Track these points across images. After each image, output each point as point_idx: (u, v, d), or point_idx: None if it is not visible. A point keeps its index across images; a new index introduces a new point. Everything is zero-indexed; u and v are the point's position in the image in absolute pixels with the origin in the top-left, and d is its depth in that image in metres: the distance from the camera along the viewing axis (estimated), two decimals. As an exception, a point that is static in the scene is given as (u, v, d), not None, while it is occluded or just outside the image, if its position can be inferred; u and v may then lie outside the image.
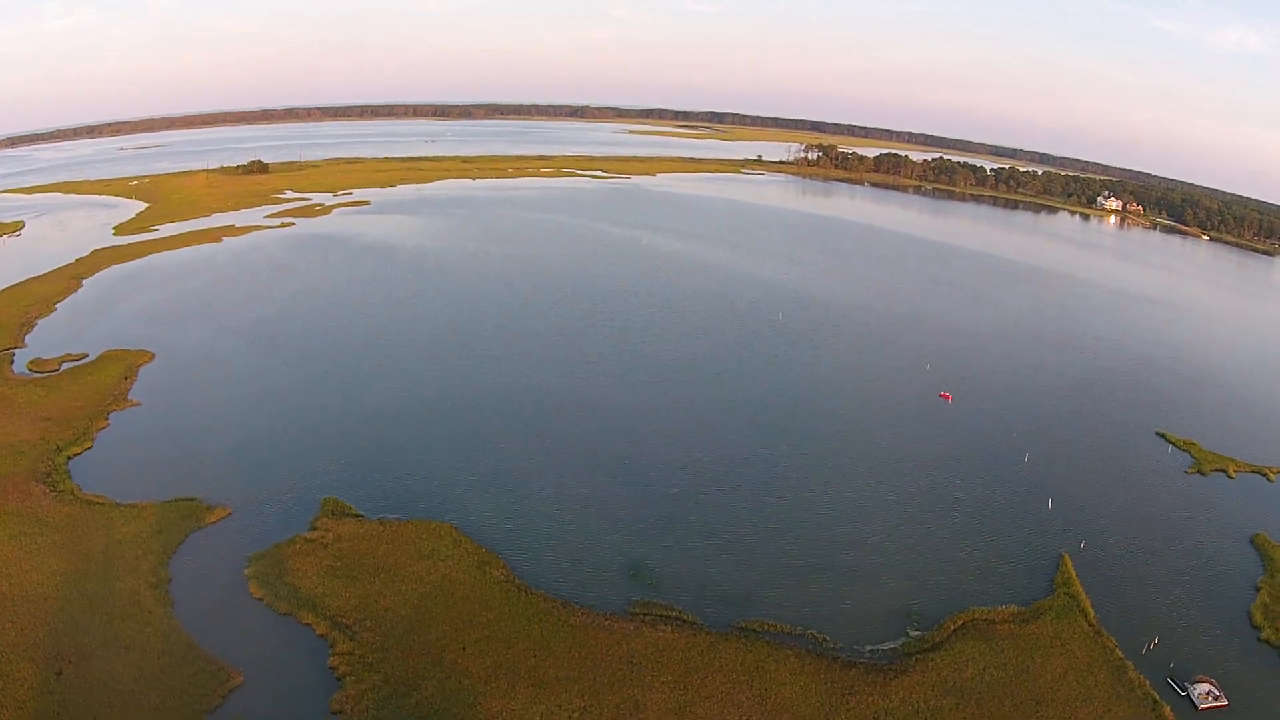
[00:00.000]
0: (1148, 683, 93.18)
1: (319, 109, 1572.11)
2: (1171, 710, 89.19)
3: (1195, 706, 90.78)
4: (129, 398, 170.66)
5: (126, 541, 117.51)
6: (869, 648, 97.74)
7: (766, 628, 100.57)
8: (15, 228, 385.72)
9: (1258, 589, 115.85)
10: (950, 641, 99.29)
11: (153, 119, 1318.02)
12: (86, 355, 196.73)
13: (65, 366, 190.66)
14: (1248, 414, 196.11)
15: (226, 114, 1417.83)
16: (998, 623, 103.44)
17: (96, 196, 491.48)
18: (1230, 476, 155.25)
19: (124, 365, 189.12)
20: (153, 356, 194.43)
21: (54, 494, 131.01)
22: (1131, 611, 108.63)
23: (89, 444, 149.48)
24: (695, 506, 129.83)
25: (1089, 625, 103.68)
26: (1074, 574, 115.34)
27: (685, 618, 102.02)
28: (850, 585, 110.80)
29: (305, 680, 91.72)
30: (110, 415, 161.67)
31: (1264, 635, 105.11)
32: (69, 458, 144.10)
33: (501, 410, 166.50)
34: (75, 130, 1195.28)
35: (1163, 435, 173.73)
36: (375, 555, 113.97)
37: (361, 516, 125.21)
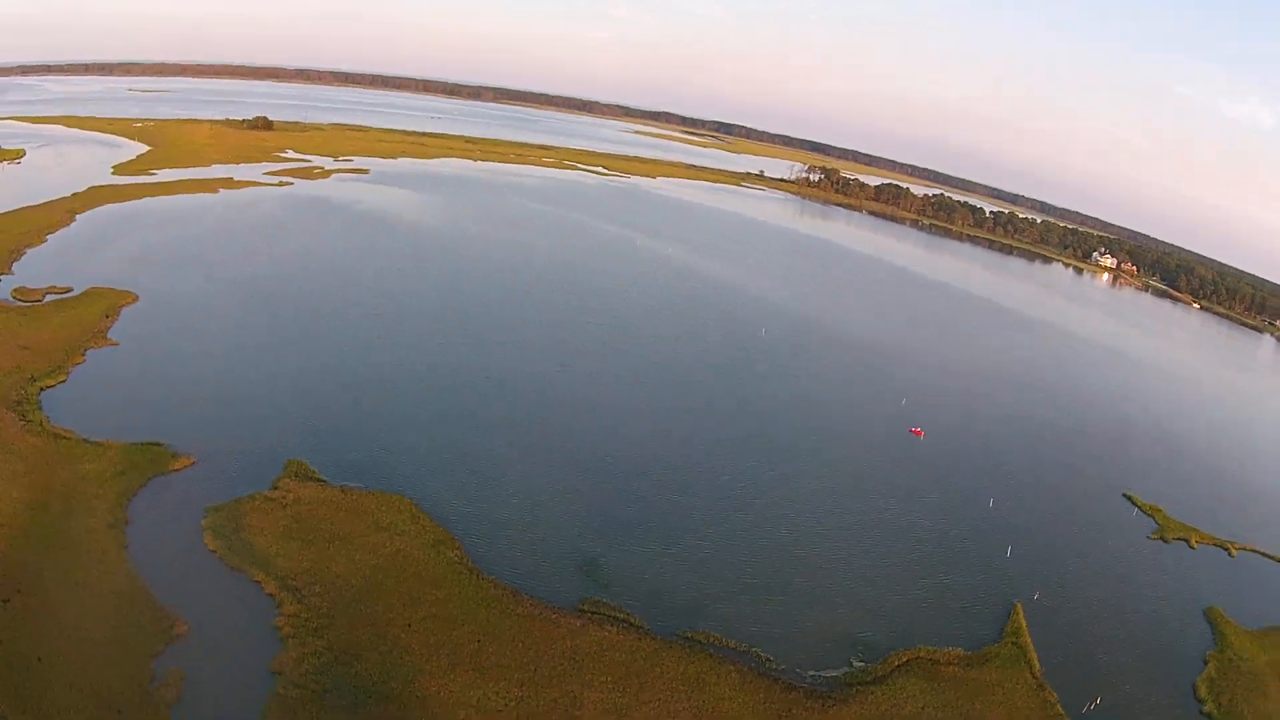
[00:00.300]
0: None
1: (330, 73, 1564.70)
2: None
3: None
4: (108, 336, 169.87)
5: (89, 478, 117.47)
6: (811, 673, 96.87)
7: (712, 640, 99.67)
8: (16, 155, 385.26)
9: (1205, 662, 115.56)
10: (893, 676, 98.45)
11: (164, 64, 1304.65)
12: (71, 290, 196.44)
13: (49, 298, 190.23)
14: (1216, 487, 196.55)
15: (238, 67, 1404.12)
16: (943, 664, 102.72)
17: (100, 134, 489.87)
18: (1192, 546, 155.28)
19: (107, 304, 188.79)
20: (136, 298, 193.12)
21: (23, 423, 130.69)
22: (1077, 668, 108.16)
23: (63, 378, 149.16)
24: (656, 512, 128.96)
25: (1033, 677, 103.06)
26: (1024, 624, 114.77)
27: (633, 620, 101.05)
28: (800, 608, 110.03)
29: (248, 637, 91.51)
30: (87, 352, 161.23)
31: (1207, 709, 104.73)
32: (42, 389, 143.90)
33: (475, 394, 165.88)
34: (87, 66, 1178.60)
35: (1129, 497, 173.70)
36: (333, 521, 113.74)
37: (324, 481, 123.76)
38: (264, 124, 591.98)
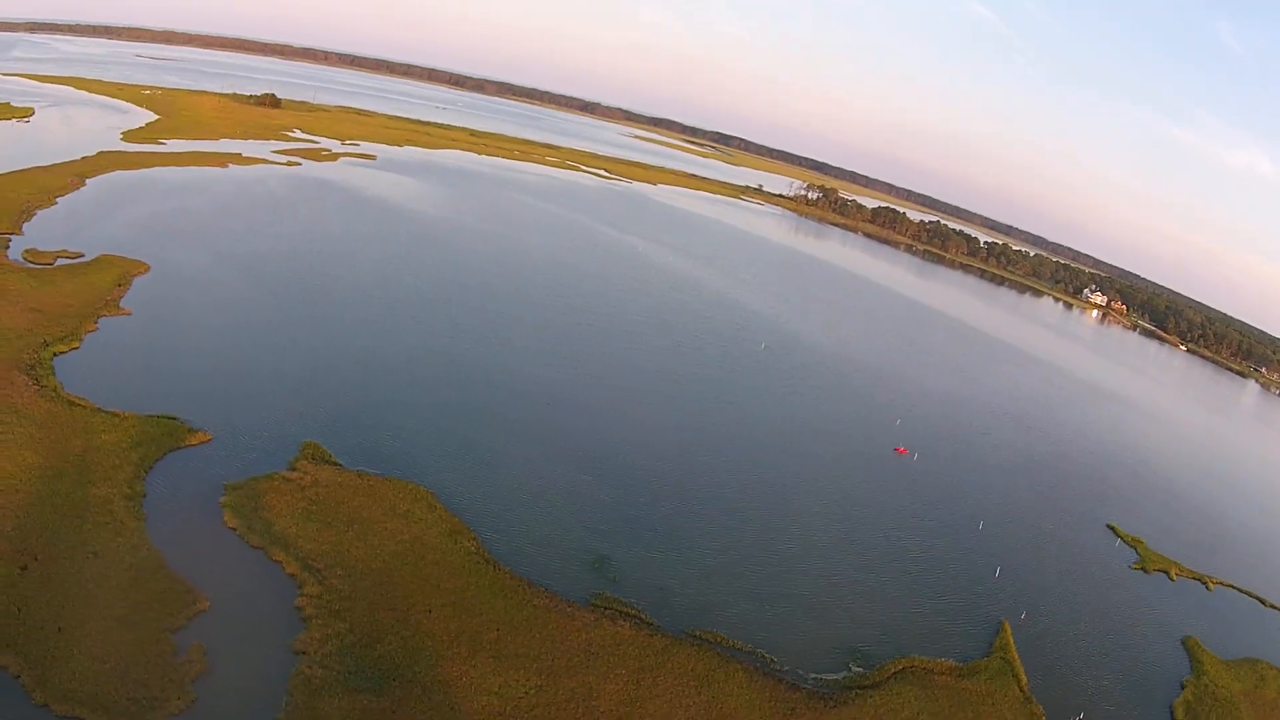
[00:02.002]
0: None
1: (336, 54, 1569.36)
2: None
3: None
4: (120, 305, 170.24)
5: (105, 448, 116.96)
6: (813, 675, 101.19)
7: (719, 639, 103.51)
8: (25, 113, 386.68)
9: (1183, 686, 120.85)
10: (889, 683, 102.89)
11: (173, 31, 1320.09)
12: (82, 255, 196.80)
13: (60, 262, 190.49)
14: (1196, 523, 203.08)
15: (246, 41, 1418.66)
16: (935, 673, 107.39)
17: (108, 98, 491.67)
18: (1171, 579, 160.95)
19: (119, 272, 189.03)
20: (148, 268, 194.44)
21: (37, 388, 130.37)
22: (1061, 685, 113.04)
23: (76, 344, 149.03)
24: (660, 516, 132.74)
25: (1020, 690, 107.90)
26: (1011, 641, 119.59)
27: (643, 617, 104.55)
28: (800, 616, 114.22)
29: (270, 616, 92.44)
30: (100, 320, 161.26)
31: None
32: (55, 354, 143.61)
33: (483, 389, 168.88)
34: (94, 28, 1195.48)
35: (1112, 528, 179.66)
36: (351, 505, 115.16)
37: (340, 465, 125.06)
38: (272, 101, 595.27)
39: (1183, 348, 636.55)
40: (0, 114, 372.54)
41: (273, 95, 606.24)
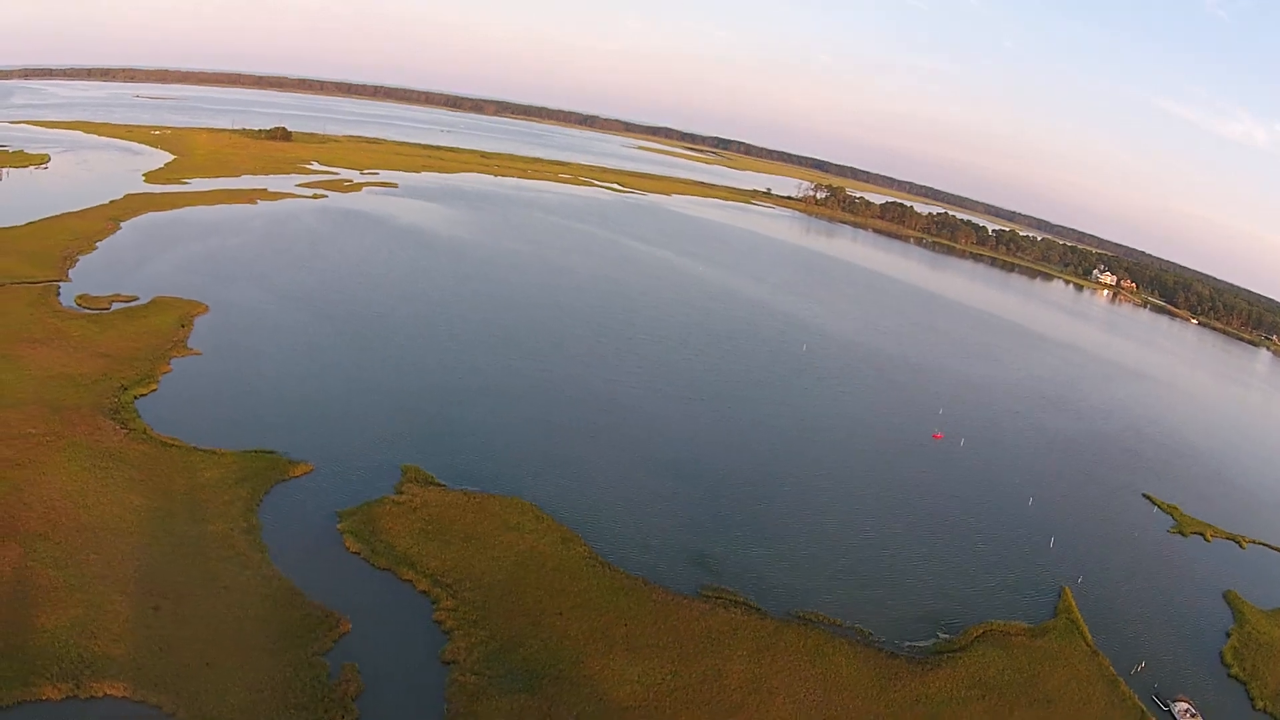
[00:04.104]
0: (1136, 696, 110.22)
1: (332, 83, 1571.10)
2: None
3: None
4: (188, 345, 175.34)
5: (210, 485, 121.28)
6: (907, 644, 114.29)
7: (821, 618, 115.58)
8: (41, 160, 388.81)
9: (1228, 635, 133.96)
10: (973, 646, 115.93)
11: (166, 70, 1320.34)
12: (137, 298, 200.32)
13: (115, 306, 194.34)
14: (1225, 488, 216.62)
15: (240, 76, 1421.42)
16: (1011, 635, 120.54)
17: (119, 140, 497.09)
18: (1207, 540, 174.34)
19: (179, 313, 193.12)
20: (207, 308, 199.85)
21: (126, 431, 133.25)
22: (1121, 639, 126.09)
23: (154, 386, 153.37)
24: (747, 513, 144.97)
25: (1086, 645, 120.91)
26: (1073, 603, 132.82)
27: (750, 603, 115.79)
28: (886, 593, 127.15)
29: (412, 632, 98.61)
30: (172, 361, 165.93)
31: (1233, 672, 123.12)
32: (135, 397, 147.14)
33: (557, 404, 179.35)
34: (89, 71, 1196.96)
35: (1148, 497, 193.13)
36: (463, 522, 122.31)
37: (444, 486, 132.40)
38: (282, 134, 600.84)
39: (1194, 321, 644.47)
40: (17, 161, 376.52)
41: (283, 129, 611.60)
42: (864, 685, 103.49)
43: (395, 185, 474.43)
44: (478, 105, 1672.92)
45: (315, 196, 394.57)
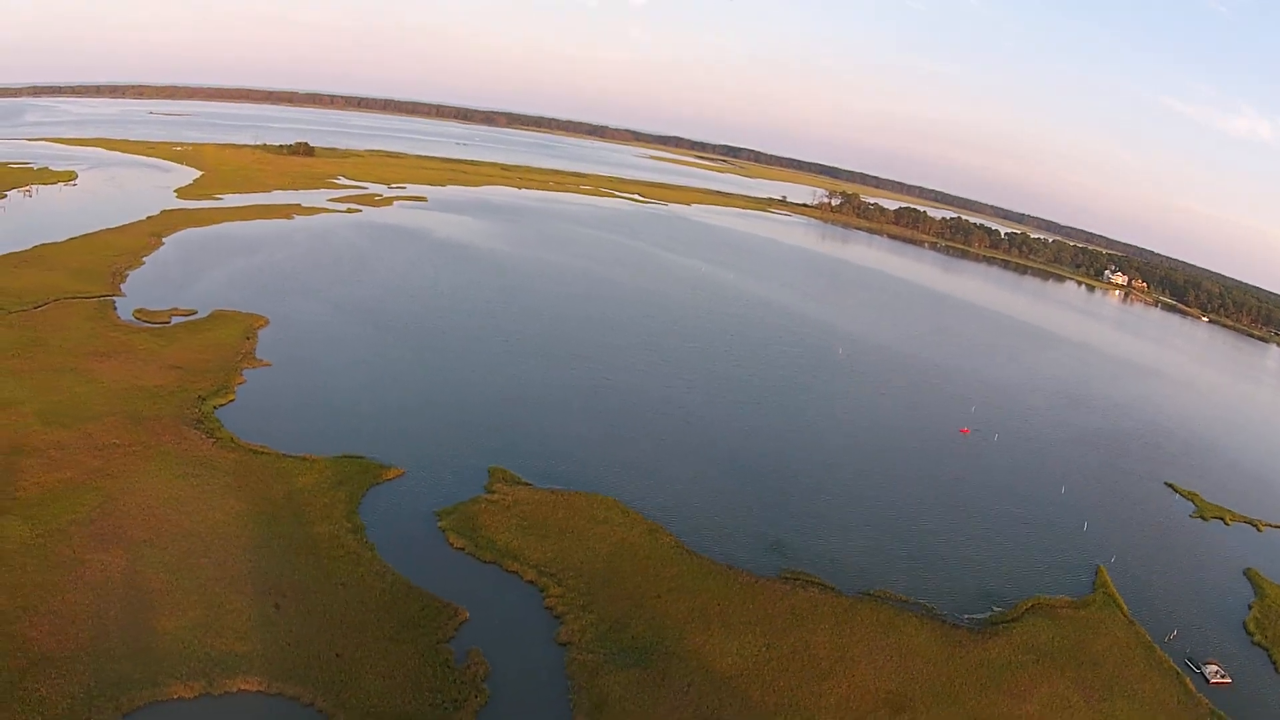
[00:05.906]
0: (1170, 660, 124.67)
1: (342, 97, 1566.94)
2: (1190, 681, 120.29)
3: (1207, 681, 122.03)
4: (257, 357, 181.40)
5: (308, 490, 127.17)
6: (966, 616, 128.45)
7: (889, 595, 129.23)
8: (69, 177, 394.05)
9: (1250, 608, 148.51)
10: (1024, 617, 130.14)
11: (175, 86, 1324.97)
12: (196, 312, 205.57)
13: (175, 320, 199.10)
14: (1242, 476, 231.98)
15: (251, 91, 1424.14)
16: (1057, 608, 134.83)
17: (143, 157, 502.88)
18: (1226, 524, 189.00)
19: (242, 326, 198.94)
20: (268, 321, 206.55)
21: (213, 440, 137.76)
22: (1154, 611, 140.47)
23: (231, 396, 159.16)
24: (810, 504, 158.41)
25: (1124, 616, 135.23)
26: (1109, 579, 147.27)
27: (826, 584, 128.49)
28: (943, 572, 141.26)
29: (527, 618, 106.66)
30: (244, 372, 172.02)
31: (1257, 640, 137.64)
32: (215, 407, 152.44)
33: (623, 408, 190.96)
34: (98, 88, 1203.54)
35: (1170, 485, 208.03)
36: (556, 518, 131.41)
37: (532, 485, 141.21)
38: (305, 149, 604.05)
39: (1204, 319, 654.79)
40: (44, 179, 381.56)
41: (305, 144, 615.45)
42: (934, 652, 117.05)
43: (425, 199, 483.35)
44: (488, 117, 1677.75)
45: (349, 211, 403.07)
